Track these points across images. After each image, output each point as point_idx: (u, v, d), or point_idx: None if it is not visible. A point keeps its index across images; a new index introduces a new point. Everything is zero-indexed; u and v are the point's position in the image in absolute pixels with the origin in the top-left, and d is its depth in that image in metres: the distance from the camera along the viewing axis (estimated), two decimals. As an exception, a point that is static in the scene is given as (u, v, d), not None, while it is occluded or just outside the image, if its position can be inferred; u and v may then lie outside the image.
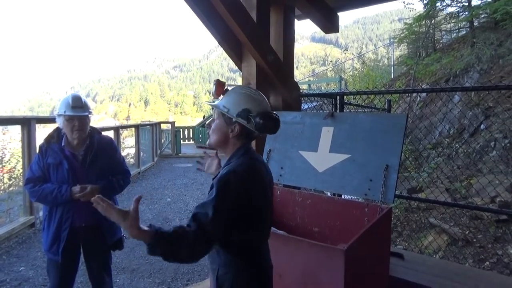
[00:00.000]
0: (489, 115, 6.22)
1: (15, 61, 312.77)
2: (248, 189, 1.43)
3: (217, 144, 1.59)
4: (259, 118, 1.47)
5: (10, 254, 4.29)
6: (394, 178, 2.21)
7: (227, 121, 1.54)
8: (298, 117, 2.82)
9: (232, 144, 1.56)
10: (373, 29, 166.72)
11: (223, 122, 1.55)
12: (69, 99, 2.37)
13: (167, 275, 3.91)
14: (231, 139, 1.55)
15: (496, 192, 4.20)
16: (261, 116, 1.48)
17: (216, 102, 1.59)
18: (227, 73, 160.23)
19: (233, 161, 1.51)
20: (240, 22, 2.72)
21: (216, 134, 1.58)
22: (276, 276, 1.67)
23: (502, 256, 3.64)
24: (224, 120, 1.55)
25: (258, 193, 1.48)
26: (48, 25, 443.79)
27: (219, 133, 1.57)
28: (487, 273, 2.96)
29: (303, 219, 2.64)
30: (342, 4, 3.74)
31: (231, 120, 1.52)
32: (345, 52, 23.63)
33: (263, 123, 1.48)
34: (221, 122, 1.56)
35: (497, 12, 7.44)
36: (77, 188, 2.31)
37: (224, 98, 1.57)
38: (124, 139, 12.96)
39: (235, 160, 1.51)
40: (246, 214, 1.43)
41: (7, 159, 6.70)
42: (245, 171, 1.44)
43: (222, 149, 1.60)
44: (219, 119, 1.57)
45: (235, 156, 1.53)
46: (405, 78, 11.00)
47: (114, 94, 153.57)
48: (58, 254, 2.34)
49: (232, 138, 1.55)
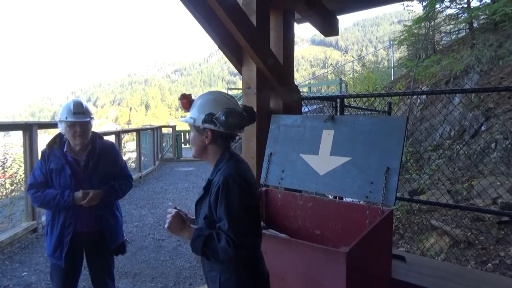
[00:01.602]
0: (490, 116, 6.22)
1: (16, 66, 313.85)
2: (246, 189, 1.51)
3: (198, 154, 1.67)
4: (223, 117, 1.51)
5: (12, 260, 4.29)
6: (395, 180, 2.21)
7: (199, 131, 1.62)
8: (299, 120, 2.82)
9: (212, 151, 1.63)
10: (373, 31, 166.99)
11: (196, 132, 1.63)
12: (70, 105, 2.39)
13: (169, 279, 3.91)
14: (209, 146, 1.62)
15: (497, 193, 4.19)
16: (224, 115, 1.51)
17: (186, 117, 1.66)
18: (228, 76, 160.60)
19: (222, 167, 1.57)
20: (240, 26, 2.73)
21: (194, 145, 1.66)
22: (278, 279, 1.68)
23: (504, 257, 3.62)
24: (196, 131, 1.63)
25: (251, 194, 1.55)
26: (49, 31, 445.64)
27: (196, 144, 1.65)
28: (490, 275, 2.96)
29: (305, 222, 2.64)
30: (342, 7, 3.76)
31: (200, 128, 1.60)
32: (345, 55, 23.70)
33: (227, 121, 1.51)
34: (195, 133, 1.64)
35: (496, 13, 7.45)
36: (80, 193, 2.32)
37: (191, 110, 1.65)
38: (126, 143, 12.97)
39: (223, 165, 1.57)
40: (256, 213, 1.54)
41: (9, 164, 6.72)
42: (238, 174, 1.52)
43: (205, 157, 1.67)
44: (192, 131, 1.65)
45: (222, 162, 1.59)
46: (405, 80, 11.00)
47: (115, 99, 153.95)
48: (61, 259, 2.35)
49: (210, 145, 1.62)
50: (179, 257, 4.49)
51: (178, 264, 4.29)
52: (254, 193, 1.59)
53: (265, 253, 1.71)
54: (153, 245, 4.91)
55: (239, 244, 1.41)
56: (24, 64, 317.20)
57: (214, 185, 1.52)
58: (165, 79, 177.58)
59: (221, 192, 1.46)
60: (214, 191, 1.50)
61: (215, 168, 1.60)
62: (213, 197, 1.50)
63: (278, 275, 1.88)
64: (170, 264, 4.31)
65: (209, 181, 1.58)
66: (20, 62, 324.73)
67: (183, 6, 2.72)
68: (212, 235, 1.46)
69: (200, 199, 1.63)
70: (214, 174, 1.58)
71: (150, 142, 12.19)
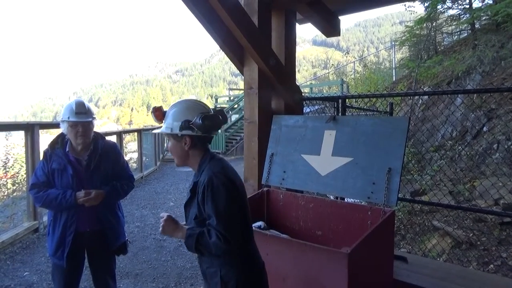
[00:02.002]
0: (492, 117, 6.20)
1: (17, 67, 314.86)
2: (229, 185, 1.58)
3: (181, 162, 1.73)
4: (199, 121, 1.60)
5: (14, 260, 4.30)
6: (397, 181, 2.21)
7: (176, 139, 1.68)
8: (300, 121, 2.82)
9: (193, 155, 1.70)
10: (375, 32, 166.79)
11: (174, 141, 1.69)
12: (72, 105, 2.40)
13: (171, 279, 3.91)
14: (189, 152, 1.69)
15: (499, 194, 4.18)
16: (200, 119, 1.60)
17: (161, 128, 1.72)
18: (229, 77, 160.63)
19: (204, 168, 1.64)
20: (242, 27, 2.73)
21: (175, 153, 1.72)
22: (280, 279, 1.68)
23: (506, 258, 3.61)
24: (174, 139, 1.69)
25: (236, 188, 1.61)
26: (50, 31, 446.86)
27: (176, 152, 1.71)
28: (492, 276, 2.95)
29: (306, 223, 2.64)
30: (343, 7, 3.75)
31: (178, 136, 1.66)
32: (346, 55, 23.64)
33: (204, 124, 1.60)
34: (173, 142, 1.70)
35: (498, 14, 7.43)
36: (82, 193, 2.33)
37: (165, 121, 1.71)
38: (127, 143, 13.00)
39: (206, 166, 1.65)
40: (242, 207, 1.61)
41: (11, 164, 6.74)
42: (220, 172, 1.60)
43: (188, 163, 1.73)
44: (170, 140, 1.71)
45: (204, 164, 1.67)
46: (407, 81, 10.99)
47: (116, 99, 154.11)
48: (63, 259, 2.35)
49: (190, 151, 1.68)
50: (180, 257, 4.49)
51: (180, 264, 4.29)
52: (239, 188, 1.65)
53: (266, 254, 1.71)
54: (154, 245, 4.92)
55: (229, 238, 1.50)
56: (26, 65, 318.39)
57: (200, 185, 1.60)
58: (167, 80, 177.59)
59: (206, 191, 1.55)
60: (200, 191, 1.59)
61: (199, 170, 1.67)
62: (200, 196, 1.59)
63: (280, 275, 1.88)
64: (171, 264, 4.31)
65: (194, 183, 1.66)
66: (22, 63, 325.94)
67: (185, 7, 2.72)
68: (203, 232, 1.55)
69: (188, 202, 1.71)
70: (198, 176, 1.65)
71: (151, 142, 12.19)
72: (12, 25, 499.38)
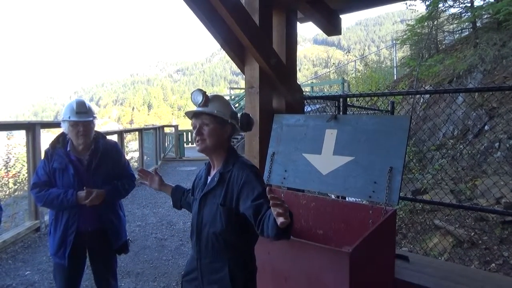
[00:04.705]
0: (493, 116, 6.19)
1: (18, 66, 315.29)
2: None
3: (213, 147, 1.69)
4: (244, 119, 1.70)
5: (15, 259, 4.30)
6: (398, 180, 2.21)
7: (222, 124, 1.68)
8: (301, 120, 2.82)
9: (224, 146, 1.72)
10: (376, 31, 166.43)
11: (218, 125, 1.67)
12: (73, 104, 2.39)
13: (172, 279, 3.91)
14: (224, 141, 1.71)
15: (501, 193, 4.18)
16: (246, 118, 1.72)
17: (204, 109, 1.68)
18: (230, 76, 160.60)
19: (234, 161, 1.67)
20: (243, 26, 2.72)
21: (212, 137, 1.67)
22: (281, 279, 1.68)
23: (508, 257, 3.61)
24: (218, 124, 1.67)
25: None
26: (51, 30, 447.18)
27: (215, 137, 1.68)
28: (493, 275, 2.94)
29: (308, 222, 2.64)
30: (344, 6, 3.74)
31: (225, 123, 1.67)
32: (347, 54, 23.64)
33: (248, 123, 1.72)
34: (216, 126, 1.67)
35: (500, 12, 7.41)
36: (83, 192, 2.32)
37: (211, 104, 1.69)
38: (128, 143, 13.01)
39: (235, 160, 1.68)
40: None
41: (12, 163, 6.75)
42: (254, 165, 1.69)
43: (215, 151, 1.71)
44: (211, 124, 1.67)
45: (232, 157, 1.70)
46: (408, 80, 10.97)
47: (117, 98, 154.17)
48: (64, 258, 2.35)
49: (226, 140, 1.72)
50: (182, 256, 4.49)
51: (181, 263, 4.29)
52: None
53: (268, 253, 1.71)
54: (156, 244, 4.92)
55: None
56: (27, 64, 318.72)
57: (234, 176, 1.61)
58: (168, 79, 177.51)
59: (253, 181, 1.57)
60: (239, 181, 1.59)
61: (227, 161, 1.68)
62: (240, 187, 1.58)
63: (281, 275, 1.88)
64: (173, 263, 4.31)
65: (221, 174, 1.66)
66: (23, 62, 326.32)
67: (186, 6, 2.71)
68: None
69: (209, 191, 1.69)
70: (227, 168, 1.66)
71: (152, 141, 12.20)
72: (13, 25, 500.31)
